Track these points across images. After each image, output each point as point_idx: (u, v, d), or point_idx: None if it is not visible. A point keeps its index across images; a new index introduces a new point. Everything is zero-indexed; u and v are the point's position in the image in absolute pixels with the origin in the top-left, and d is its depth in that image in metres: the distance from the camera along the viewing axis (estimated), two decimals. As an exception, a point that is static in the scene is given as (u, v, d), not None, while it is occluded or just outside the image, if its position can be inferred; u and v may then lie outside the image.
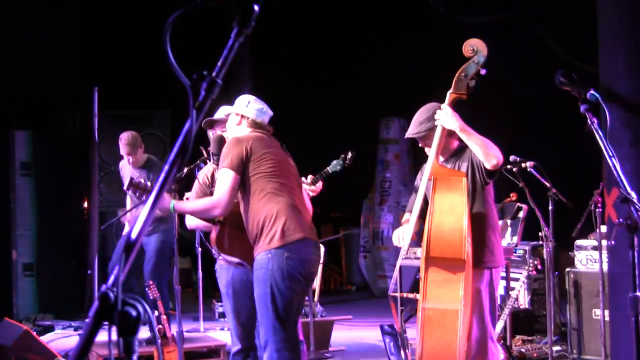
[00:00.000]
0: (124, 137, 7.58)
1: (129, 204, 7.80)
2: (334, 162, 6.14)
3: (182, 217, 5.71)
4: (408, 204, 5.07)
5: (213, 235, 4.86)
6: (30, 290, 8.99)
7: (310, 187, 5.72)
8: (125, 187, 4.89)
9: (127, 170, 7.71)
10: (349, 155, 6.15)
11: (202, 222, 5.03)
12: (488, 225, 4.65)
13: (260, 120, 4.76)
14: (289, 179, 4.65)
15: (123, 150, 7.58)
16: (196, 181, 5.22)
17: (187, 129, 1.65)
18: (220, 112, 5.15)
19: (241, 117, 4.75)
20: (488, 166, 4.46)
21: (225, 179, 4.50)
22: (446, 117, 4.45)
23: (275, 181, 4.55)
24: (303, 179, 5.52)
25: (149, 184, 4.81)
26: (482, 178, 4.59)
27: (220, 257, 4.99)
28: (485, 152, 4.42)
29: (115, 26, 10.15)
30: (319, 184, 5.81)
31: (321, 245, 7.49)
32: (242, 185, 4.56)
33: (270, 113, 4.84)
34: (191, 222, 5.15)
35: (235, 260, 4.87)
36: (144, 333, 6.35)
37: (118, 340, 1.51)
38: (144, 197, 4.83)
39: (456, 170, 4.59)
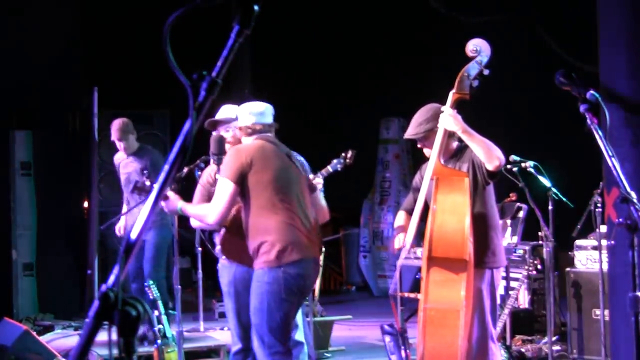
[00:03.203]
0: (116, 123, 7.56)
1: (125, 205, 7.75)
2: (334, 161, 6.14)
3: (181, 216, 5.69)
4: (404, 203, 5.07)
5: (220, 241, 4.86)
6: (30, 290, 8.98)
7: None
8: (130, 191, 4.91)
9: (122, 160, 7.70)
10: (349, 154, 6.15)
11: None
12: (489, 226, 4.65)
13: (261, 126, 4.73)
14: (289, 191, 4.61)
15: (114, 135, 7.55)
16: (199, 185, 5.21)
17: (187, 129, 1.65)
18: (222, 111, 5.15)
19: (239, 129, 4.77)
20: (490, 167, 4.46)
21: (224, 189, 4.50)
22: (448, 119, 4.44)
23: (274, 195, 4.53)
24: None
25: (154, 186, 4.80)
26: (483, 179, 4.58)
27: (223, 257, 4.99)
28: (487, 154, 4.42)
29: (116, 26, 10.14)
30: (319, 182, 5.79)
31: (322, 247, 7.51)
32: (243, 195, 4.56)
33: (271, 112, 4.79)
34: (195, 222, 5.16)
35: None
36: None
37: (118, 340, 1.51)
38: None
39: (458, 171, 4.58)
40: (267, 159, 4.59)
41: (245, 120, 4.73)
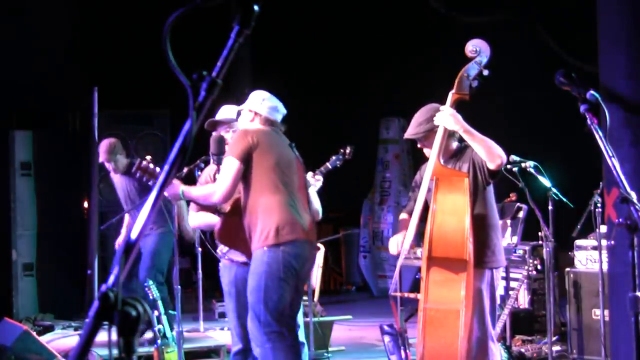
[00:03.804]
0: (102, 145, 7.43)
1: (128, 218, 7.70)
2: (333, 157, 6.15)
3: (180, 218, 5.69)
4: (407, 205, 5.06)
5: (217, 228, 4.85)
6: (30, 290, 8.98)
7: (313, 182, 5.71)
8: (133, 170, 4.82)
9: (114, 178, 7.68)
10: (348, 149, 6.16)
11: (205, 221, 5.03)
12: (489, 226, 4.65)
13: (273, 119, 4.78)
14: (291, 177, 4.66)
15: (101, 157, 7.43)
16: (198, 184, 5.21)
17: (187, 129, 1.65)
18: (222, 111, 5.15)
19: (254, 114, 4.77)
20: (492, 166, 4.46)
21: (230, 167, 4.52)
22: (449, 118, 4.44)
23: (276, 177, 4.58)
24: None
25: (157, 169, 4.76)
26: (483, 178, 4.59)
27: (226, 257, 4.99)
28: (489, 152, 4.43)
29: (115, 26, 10.14)
30: (319, 179, 5.80)
31: (321, 246, 7.53)
32: (245, 177, 4.58)
33: (284, 111, 4.85)
34: (194, 221, 5.15)
35: (240, 259, 4.87)
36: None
37: (118, 340, 1.51)
38: (150, 182, 4.80)
39: (458, 171, 4.59)
40: (272, 142, 4.66)
41: (261, 108, 4.76)
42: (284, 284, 4.51)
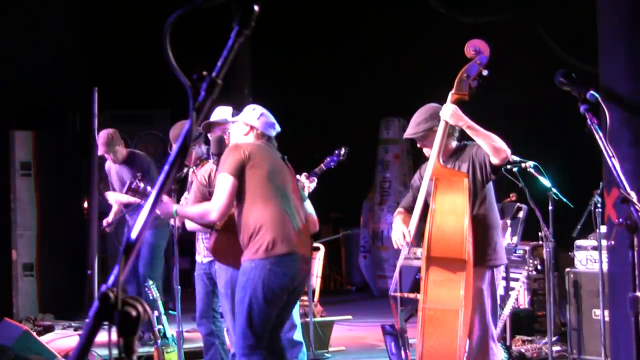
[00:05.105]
0: (100, 136, 7.46)
1: (114, 207, 7.70)
2: (328, 158, 6.18)
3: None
4: (402, 201, 5.06)
5: (211, 243, 4.84)
6: (30, 290, 8.98)
7: (307, 184, 5.72)
8: (124, 191, 4.87)
9: (112, 168, 7.68)
10: (343, 150, 6.19)
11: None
12: (489, 224, 4.66)
13: (268, 134, 4.73)
14: (283, 188, 4.61)
15: (100, 150, 7.46)
16: (194, 181, 5.22)
17: (187, 129, 1.65)
18: (217, 113, 5.15)
19: (250, 127, 4.72)
20: (497, 160, 4.47)
21: (224, 184, 4.47)
22: (454, 114, 4.46)
23: (268, 189, 4.52)
24: (298, 176, 5.51)
25: (148, 188, 4.78)
26: (485, 176, 4.59)
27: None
28: (493, 147, 4.44)
29: (116, 26, 10.15)
30: (314, 180, 5.81)
31: (321, 246, 7.53)
32: (239, 191, 4.54)
33: (278, 129, 4.80)
34: (190, 224, 5.15)
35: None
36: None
37: (118, 340, 1.51)
38: (142, 201, 4.82)
39: (457, 171, 4.59)
40: (263, 155, 4.60)
41: (258, 122, 4.72)
42: (267, 303, 4.42)
